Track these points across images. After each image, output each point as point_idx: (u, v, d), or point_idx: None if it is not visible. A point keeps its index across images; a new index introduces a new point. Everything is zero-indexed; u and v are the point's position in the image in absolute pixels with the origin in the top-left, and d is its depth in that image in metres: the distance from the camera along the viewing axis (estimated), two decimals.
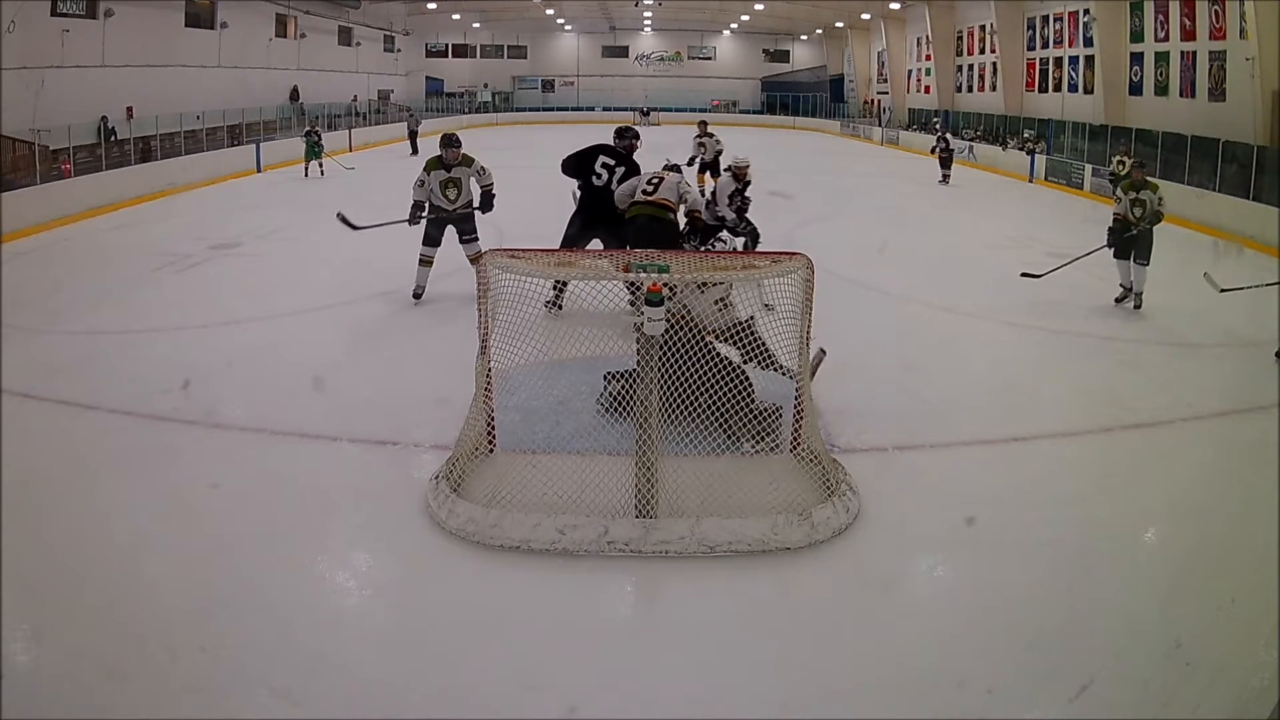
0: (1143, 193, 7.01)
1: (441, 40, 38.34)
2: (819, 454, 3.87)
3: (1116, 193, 7.25)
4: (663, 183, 6.26)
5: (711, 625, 2.97)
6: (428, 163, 6.78)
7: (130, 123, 16.77)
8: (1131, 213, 7.00)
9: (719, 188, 7.59)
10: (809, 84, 37.69)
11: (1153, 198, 6.95)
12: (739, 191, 7.47)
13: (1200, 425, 4.82)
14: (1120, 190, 7.19)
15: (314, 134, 16.36)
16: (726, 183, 7.51)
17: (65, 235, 10.41)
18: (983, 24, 24.17)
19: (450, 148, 6.70)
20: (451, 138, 6.79)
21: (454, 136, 6.82)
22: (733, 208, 7.42)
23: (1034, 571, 3.30)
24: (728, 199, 7.42)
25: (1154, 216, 6.93)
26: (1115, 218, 7.16)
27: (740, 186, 7.48)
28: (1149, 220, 6.92)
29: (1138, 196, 7.01)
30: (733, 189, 7.44)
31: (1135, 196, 7.02)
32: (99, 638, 2.81)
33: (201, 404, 4.70)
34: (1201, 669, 2.75)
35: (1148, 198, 6.97)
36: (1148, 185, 7.03)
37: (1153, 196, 6.96)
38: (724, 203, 7.45)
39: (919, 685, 2.68)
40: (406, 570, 3.34)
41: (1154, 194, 6.96)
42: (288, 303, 6.95)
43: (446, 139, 6.81)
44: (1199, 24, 15.19)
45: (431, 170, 6.69)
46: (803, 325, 3.87)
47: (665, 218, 6.21)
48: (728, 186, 7.47)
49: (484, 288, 3.81)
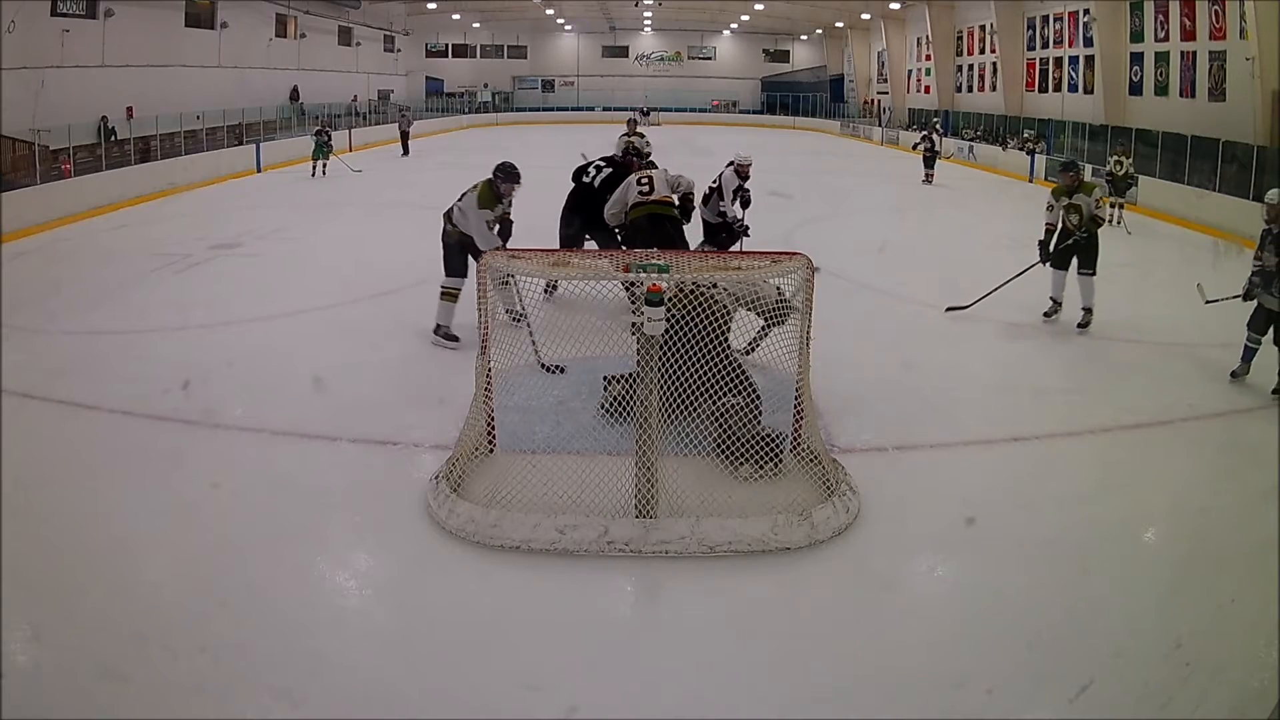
0: (1076, 197, 6.40)
1: (441, 40, 38.35)
2: (819, 454, 3.87)
3: (1049, 200, 6.60)
4: (654, 179, 6.27)
5: (711, 625, 2.97)
6: (482, 197, 5.65)
7: (130, 123, 16.80)
8: (1068, 220, 6.43)
9: (723, 183, 7.46)
10: (809, 84, 37.68)
11: (1087, 201, 6.36)
12: (742, 187, 7.39)
13: (1200, 425, 4.82)
14: (1051, 197, 6.58)
15: (324, 133, 16.33)
16: (730, 178, 7.38)
17: (65, 235, 10.40)
18: (983, 24, 24.18)
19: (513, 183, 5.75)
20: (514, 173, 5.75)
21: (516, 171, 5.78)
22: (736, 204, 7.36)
23: (1034, 571, 3.30)
24: (732, 195, 7.33)
25: (1091, 221, 6.35)
26: (1047, 228, 6.54)
27: (744, 182, 7.41)
28: (1087, 226, 6.35)
29: (1071, 202, 6.42)
30: (736, 185, 7.34)
31: (1069, 203, 6.43)
32: (99, 638, 2.81)
33: (201, 404, 4.70)
34: (1201, 669, 2.75)
35: (1082, 202, 6.37)
36: (1081, 189, 6.44)
37: (1087, 200, 6.37)
38: (729, 199, 7.36)
39: (919, 685, 2.68)
40: (406, 570, 3.34)
41: (1088, 197, 6.38)
42: (288, 303, 6.94)
43: (512, 172, 5.74)
44: (1199, 24, 15.19)
45: (491, 207, 5.66)
46: (803, 325, 3.88)
47: (671, 214, 6.22)
48: (732, 182, 7.35)
49: (484, 288, 3.81)
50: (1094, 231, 6.37)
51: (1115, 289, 7.14)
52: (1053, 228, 6.50)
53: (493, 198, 5.66)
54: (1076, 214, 6.37)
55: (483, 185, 5.71)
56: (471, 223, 5.63)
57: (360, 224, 11.18)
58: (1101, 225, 6.44)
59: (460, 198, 5.81)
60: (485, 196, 5.64)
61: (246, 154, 17.09)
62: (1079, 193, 6.40)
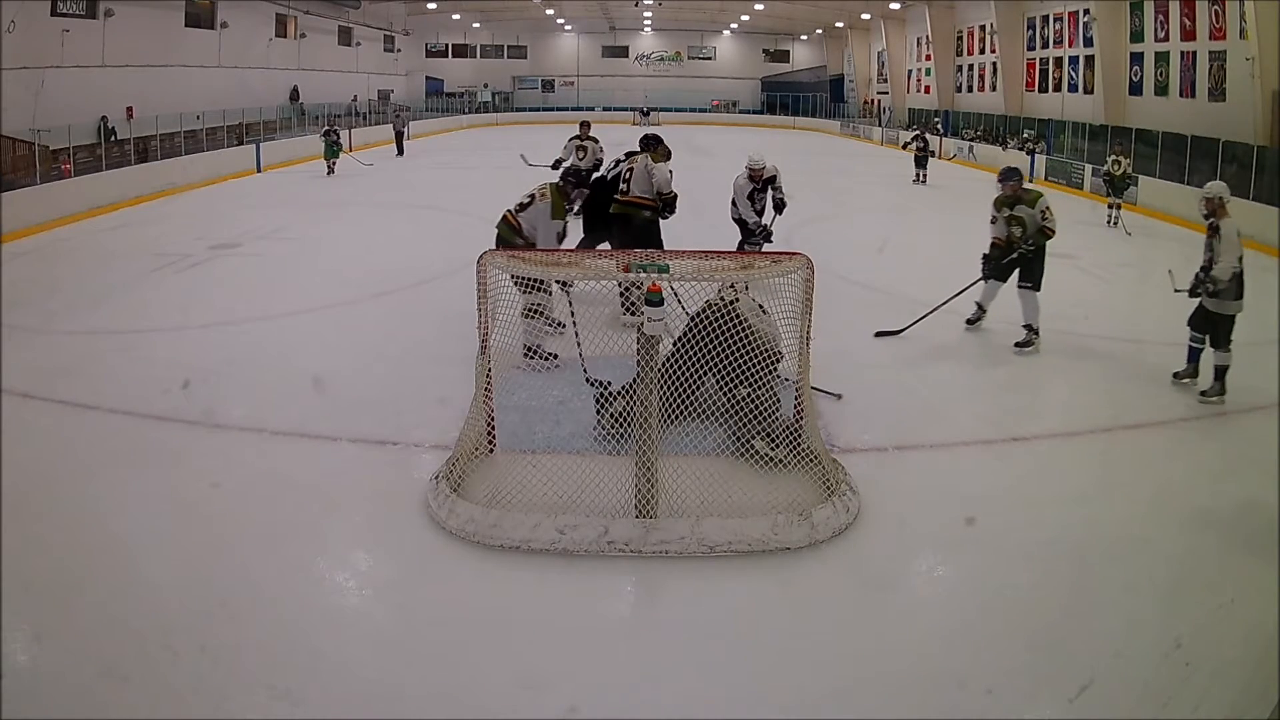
0: (1018, 209, 5.95)
1: (441, 40, 38.35)
2: (819, 454, 3.87)
3: (992, 212, 6.15)
4: (633, 175, 6.21)
5: (711, 625, 2.97)
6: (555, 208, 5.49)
7: (130, 123, 16.79)
8: (1011, 233, 5.97)
9: (735, 189, 7.20)
10: (809, 84, 37.68)
11: (1030, 213, 5.90)
12: (759, 192, 7.15)
13: (1200, 425, 4.82)
14: (994, 208, 6.13)
15: (333, 133, 16.44)
16: (743, 184, 7.15)
17: (65, 235, 10.41)
18: (983, 24, 24.18)
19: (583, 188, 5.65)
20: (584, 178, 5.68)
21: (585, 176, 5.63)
22: (755, 208, 7.13)
23: (1034, 571, 3.30)
24: (747, 199, 7.10)
25: (1039, 233, 5.89)
26: (994, 241, 6.12)
27: (758, 186, 7.16)
28: (1032, 239, 5.90)
29: (1013, 214, 5.97)
30: (750, 190, 7.12)
31: (1010, 214, 5.99)
32: (99, 638, 2.81)
33: (201, 404, 4.70)
34: (1201, 669, 2.75)
35: (1024, 214, 5.92)
36: (1024, 199, 5.96)
37: (1030, 211, 5.90)
38: (744, 205, 7.12)
39: (919, 685, 2.68)
40: (406, 570, 3.34)
41: (1030, 208, 5.91)
42: (288, 303, 6.94)
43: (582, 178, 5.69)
44: (1199, 24, 15.20)
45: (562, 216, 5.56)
46: (803, 325, 3.87)
47: (640, 215, 6.14)
48: (744, 188, 7.14)
49: (484, 288, 3.81)
50: (1041, 245, 5.93)
51: (1115, 289, 7.15)
52: (1000, 241, 6.09)
53: (564, 207, 5.53)
54: (1020, 226, 5.94)
55: (553, 196, 5.49)
56: (543, 233, 5.43)
57: (360, 224, 11.18)
58: (1051, 237, 5.94)
59: (520, 208, 5.54)
60: (558, 207, 5.48)
61: (246, 154, 17.10)
62: (1021, 204, 5.97)
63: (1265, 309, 6.22)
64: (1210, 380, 5.08)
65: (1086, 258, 9.02)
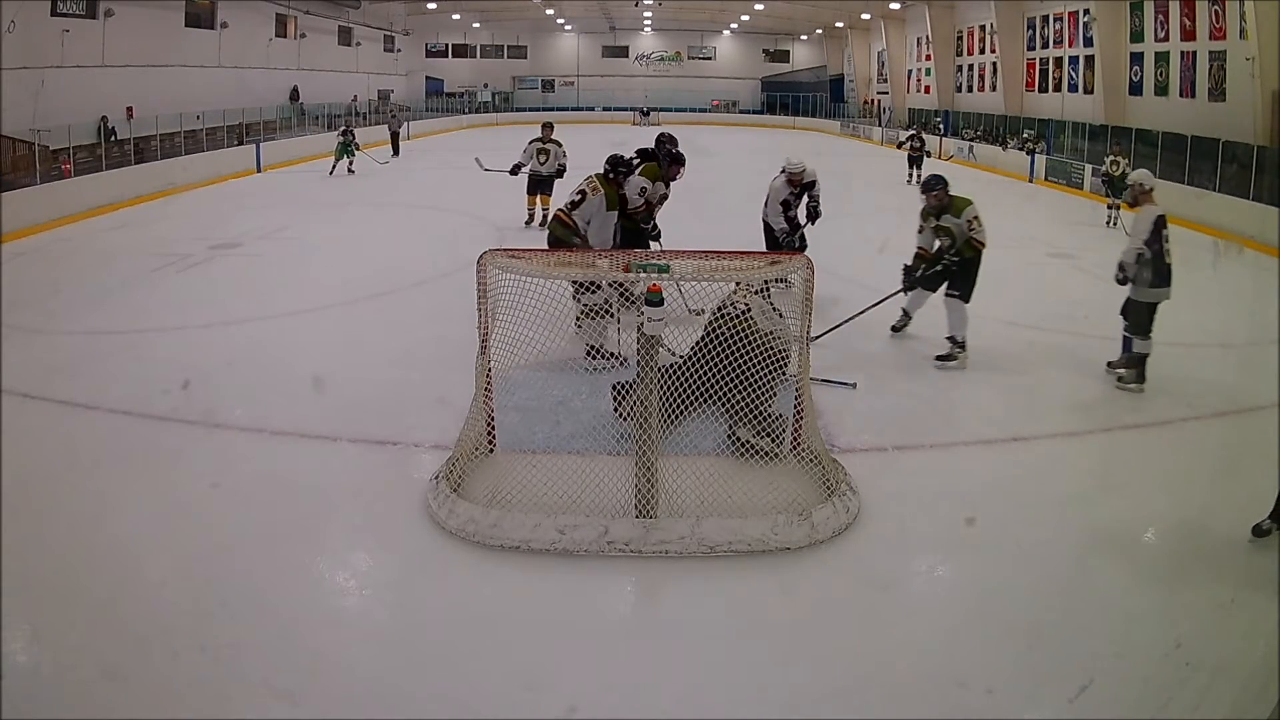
0: (944, 219, 5.62)
1: (441, 40, 38.35)
2: (819, 454, 3.87)
3: (919, 223, 5.86)
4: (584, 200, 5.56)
5: (711, 625, 2.97)
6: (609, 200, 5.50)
7: (130, 123, 16.80)
8: (941, 243, 5.65)
9: (771, 193, 6.77)
10: (809, 84, 37.69)
11: (956, 222, 5.56)
12: (795, 197, 6.77)
13: (1200, 425, 4.81)
14: (920, 219, 5.84)
15: (349, 133, 16.50)
16: (780, 188, 6.78)
17: (65, 235, 10.40)
18: (983, 24, 24.19)
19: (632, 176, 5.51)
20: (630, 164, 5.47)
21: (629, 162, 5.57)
22: (785, 215, 6.77)
23: (1034, 571, 3.31)
24: (779, 205, 6.73)
25: (966, 244, 5.55)
26: (918, 252, 5.84)
27: (796, 192, 6.77)
28: (958, 251, 5.56)
29: (939, 224, 5.64)
30: (785, 195, 6.74)
31: (937, 224, 5.67)
32: (99, 638, 2.81)
33: (201, 404, 4.70)
34: (1201, 669, 2.75)
35: (951, 224, 5.58)
36: (950, 208, 5.62)
37: (956, 221, 5.56)
38: (775, 212, 6.72)
39: (919, 685, 2.68)
40: (406, 570, 3.34)
41: (957, 217, 5.57)
42: (288, 303, 6.94)
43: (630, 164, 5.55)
44: (1199, 24, 15.20)
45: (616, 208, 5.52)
46: (803, 325, 3.87)
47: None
48: (780, 192, 6.76)
49: (483, 288, 3.81)
50: (968, 256, 5.57)
51: (1115, 289, 7.11)
52: (925, 252, 5.79)
53: (616, 197, 5.43)
54: (947, 236, 5.60)
55: (607, 190, 5.41)
56: (599, 227, 5.34)
57: (360, 224, 11.18)
58: (982, 248, 5.59)
59: (573, 206, 5.46)
60: (611, 198, 5.40)
61: (246, 154, 17.10)
62: (947, 213, 5.62)
63: (1265, 309, 6.21)
64: (1128, 366, 5.03)
65: (1086, 258, 9.01)
